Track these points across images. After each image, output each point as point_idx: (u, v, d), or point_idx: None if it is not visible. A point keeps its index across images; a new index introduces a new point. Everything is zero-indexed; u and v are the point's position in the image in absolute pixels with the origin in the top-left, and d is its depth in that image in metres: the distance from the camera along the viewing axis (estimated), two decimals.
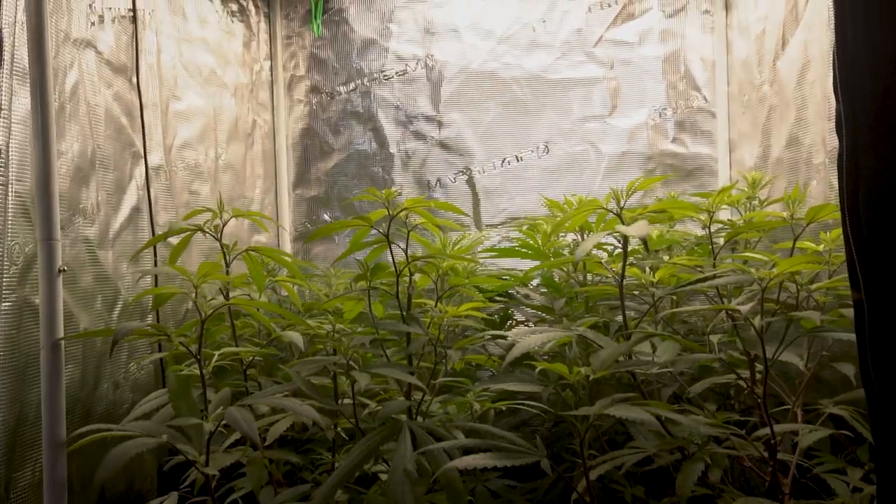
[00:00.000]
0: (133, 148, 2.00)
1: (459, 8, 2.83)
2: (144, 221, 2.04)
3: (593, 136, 2.80)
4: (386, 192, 1.59)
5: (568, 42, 2.80)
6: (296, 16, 2.91)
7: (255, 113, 2.77)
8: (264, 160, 2.83)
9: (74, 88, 1.70)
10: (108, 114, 1.87)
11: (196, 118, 2.37)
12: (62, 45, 1.65)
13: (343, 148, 2.89)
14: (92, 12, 1.81)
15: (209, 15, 2.47)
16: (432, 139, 2.85)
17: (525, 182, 2.82)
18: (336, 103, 2.89)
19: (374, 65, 2.87)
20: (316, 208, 2.92)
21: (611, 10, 2.78)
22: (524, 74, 2.82)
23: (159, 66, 2.17)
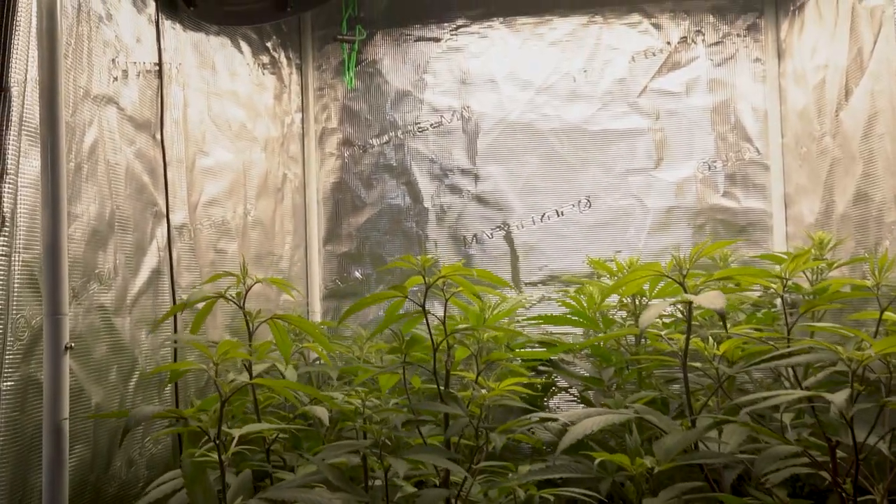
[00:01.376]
0: (155, 207, 1.90)
1: (497, 58, 2.73)
2: (165, 284, 1.93)
3: (638, 190, 2.65)
4: (422, 258, 1.46)
5: (610, 92, 2.68)
6: (328, 67, 2.83)
7: (286, 166, 2.68)
8: (294, 215, 2.72)
9: (93, 147, 1.61)
10: (129, 172, 1.77)
11: (224, 174, 2.27)
12: (81, 102, 1.56)
13: (375, 202, 2.78)
14: (115, 67, 1.72)
15: (239, 68, 2.39)
16: (468, 193, 2.73)
17: (566, 238, 2.68)
18: (369, 156, 2.79)
19: (408, 117, 2.77)
20: (347, 265, 2.80)
21: (655, 59, 2.66)
22: (564, 126, 2.69)
23: (185, 121, 2.08)
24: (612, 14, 2.67)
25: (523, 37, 2.72)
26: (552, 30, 2.71)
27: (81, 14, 1.56)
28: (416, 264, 1.46)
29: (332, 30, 2.79)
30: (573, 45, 2.69)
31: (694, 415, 1.39)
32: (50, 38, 1.27)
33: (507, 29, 2.73)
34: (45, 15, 1.28)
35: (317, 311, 2.78)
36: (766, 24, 2.60)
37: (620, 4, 2.67)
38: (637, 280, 1.39)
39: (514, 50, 2.72)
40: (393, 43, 2.78)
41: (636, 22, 2.66)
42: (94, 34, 1.63)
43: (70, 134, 1.50)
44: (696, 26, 2.64)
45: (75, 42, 1.53)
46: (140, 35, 1.86)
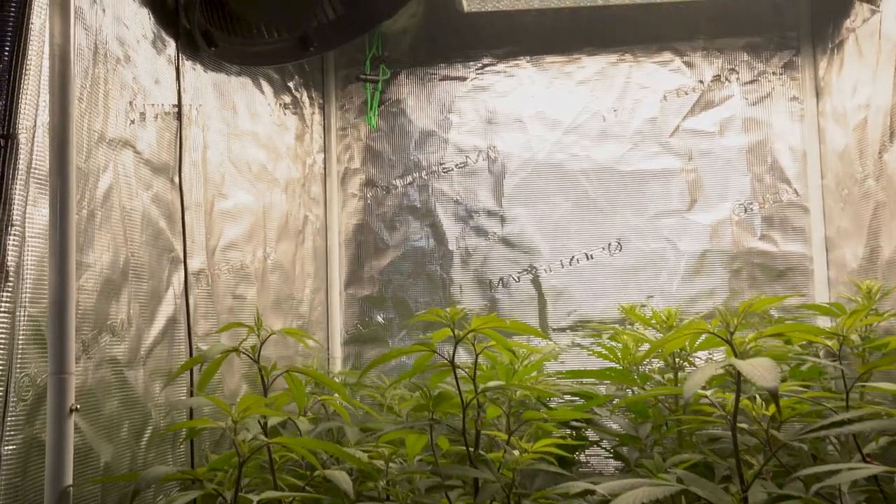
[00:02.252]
0: (172, 253, 1.83)
1: (524, 97, 2.66)
2: (181, 333, 1.85)
3: (671, 233, 2.55)
4: (451, 311, 1.37)
5: (641, 132, 2.60)
6: (351, 107, 2.77)
7: (307, 208, 2.61)
8: (315, 258, 2.65)
9: (107, 193, 1.54)
10: (145, 218, 1.71)
11: (244, 217, 2.21)
12: (95, 146, 1.50)
13: (399, 245, 2.70)
14: (132, 110, 1.67)
15: (261, 108, 2.34)
16: (494, 235, 2.64)
17: (595, 282, 2.58)
18: (392, 197, 2.72)
19: (432, 157, 2.70)
20: (369, 309, 2.71)
21: (688, 98, 2.58)
22: (594, 166, 2.61)
23: (205, 164, 2.02)
24: (643, 52, 2.60)
25: (551, 75, 2.65)
26: (581, 68, 2.64)
27: (98, 56, 1.51)
28: (445, 317, 1.37)
29: (356, 69, 2.75)
30: (602, 84, 2.62)
31: (745, 485, 1.27)
32: (62, 83, 1.21)
33: (535, 68, 2.66)
34: (58, 58, 1.22)
35: (337, 357, 2.69)
36: (803, 61, 2.51)
37: (651, 42, 2.60)
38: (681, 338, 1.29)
39: (541, 89, 2.66)
40: (417, 82, 2.73)
41: (667, 60, 2.59)
42: (111, 76, 1.58)
43: (83, 180, 1.44)
44: (730, 64, 2.56)
45: (91, 85, 1.48)
46: (159, 76, 1.81)
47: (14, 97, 1.11)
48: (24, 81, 1.12)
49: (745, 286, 2.49)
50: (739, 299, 2.48)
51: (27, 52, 1.12)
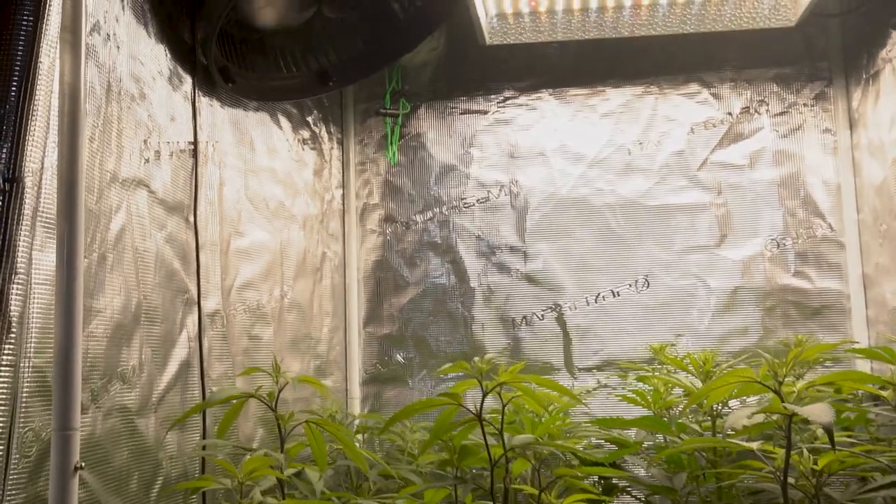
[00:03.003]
0: (186, 294, 1.77)
1: (546, 131, 2.60)
2: (195, 377, 1.79)
3: (700, 270, 2.47)
4: (478, 363, 1.30)
5: (668, 165, 2.52)
6: (370, 141, 2.72)
7: (325, 245, 2.55)
8: (333, 295, 2.58)
9: (119, 234, 1.49)
10: (158, 259, 1.65)
11: (261, 255, 2.15)
12: (108, 187, 1.45)
13: (419, 282, 2.63)
14: (147, 148, 1.62)
15: (279, 144, 2.30)
16: (517, 272, 2.57)
17: (622, 320, 2.49)
18: (412, 233, 2.65)
19: (453, 192, 2.64)
20: (388, 347, 2.64)
21: (716, 131, 2.50)
22: (619, 201, 2.54)
23: (221, 202, 1.97)
24: (669, 84, 2.54)
25: (574, 108, 2.59)
26: (605, 101, 2.58)
27: (111, 94, 1.47)
28: (472, 369, 1.29)
29: (375, 103, 2.70)
30: (627, 117, 2.56)
31: None
32: (71, 123, 1.16)
33: (557, 100, 2.61)
34: (67, 98, 1.18)
35: (356, 398, 2.61)
36: (836, 93, 2.44)
37: (677, 74, 2.54)
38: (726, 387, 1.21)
39: (564, 122, 2.60)
40: (437, 116, 2.68)
41: (694, 92, 2.53)
42: (125, 114, 1.53)
43: (94, 222, 1.38)
44: (759, 96, 2.49)
45: (103, 124, 1.43)
46: (175, 114, 1.76)
47: (20, 139, 1.06)
48: (31, 122, 1.07)
49: (779, 324, 2.40)
50: (773, 338, 2.38)
51: (35, 91, 1.07)
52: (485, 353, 2.53)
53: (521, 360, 2.52)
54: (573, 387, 2.48)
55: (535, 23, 2.27)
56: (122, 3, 1.54)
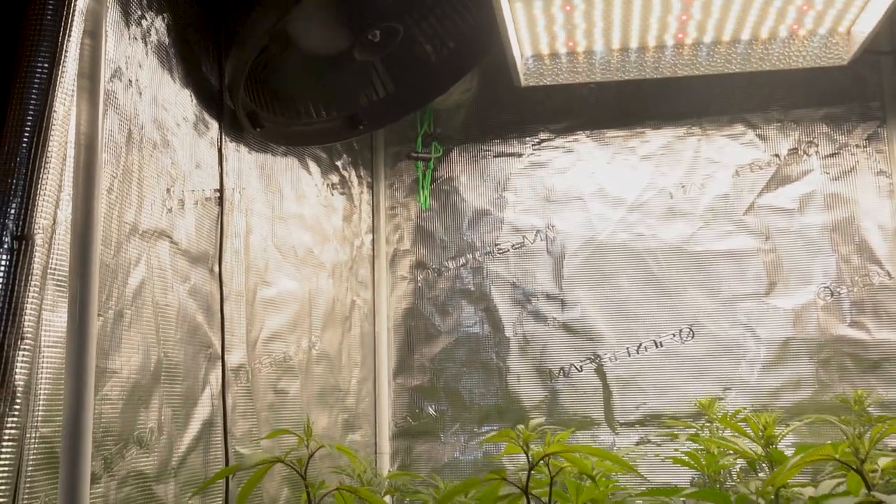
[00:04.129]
0: (209, 349, 1.69)
1: (584, 174, 2.50)
2: (218, 437, 1.70)
3: (748, 319, 2.33)
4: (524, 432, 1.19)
5: (712, 209, 2.41)
6: (401, 185, 2.65)
7: (355, 292, 2.47)
8: (362, 345, 2.49)
9: (139, 289, 1.41)
10: (180, 313, 1.57)
11: (288, 305, 2.07)
12: (126, 239, 1.38)
13: (451, 331, 2.53)
14: (170, 197, 1.55)
15: (307, 189, 2.23)
16: (554, 321, 2.45)
17: (666, 372, 2.36)
18: (444, 280, 2.56)
19: (486, 237, 2.54)
20: (419, 399, 2.52)
21: (762, 173, 2.39)
22: (661, 246, 2.42)
23: (247, 250, 1.90)
24: (712, 125, 2.44)
25: (612, 150, 2.50)
26: (644, 143, 2.48)
27: (132, 142, 1.40)
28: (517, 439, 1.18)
29: (406, 146, 2.63)
30: (669, 159, 2.45)
31: None
32: (87, 175, 1.09)
33: (595, 143, 2.51)
34: (84, 148, 1.11)
35: (385, 452, 2.50)
36: (890, 133, 2.32)
37: (720, 115, 2.43)
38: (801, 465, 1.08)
39: (602, 165, 2.50)
40: (470, 159, 2.60)
41: (739, 133, 2.42)
42: (147, 163, 1.47)
43: (110, 277, 1.31)
44: (808, 137, 2.38)
45: (123, 173, 1.36)
46: (200, 160, 1.70)
47: (31, 194, 0.99)
48: (44, 176, 1.00)
49: (835, 378, 2.25)
50: (829, 392, 2.23)
51: (48, 143, 1.00)
52: (520, 405, 2.42)
53: (558, 413, 2.40)
54: (614, 442, 2.35)
55: (572, 63, 2.19)
56: (146, 47, 1.49)
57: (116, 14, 1.34)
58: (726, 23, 1.99)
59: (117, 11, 1.35)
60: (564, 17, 1.97)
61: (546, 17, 1.97)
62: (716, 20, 1.98)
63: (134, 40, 1.43)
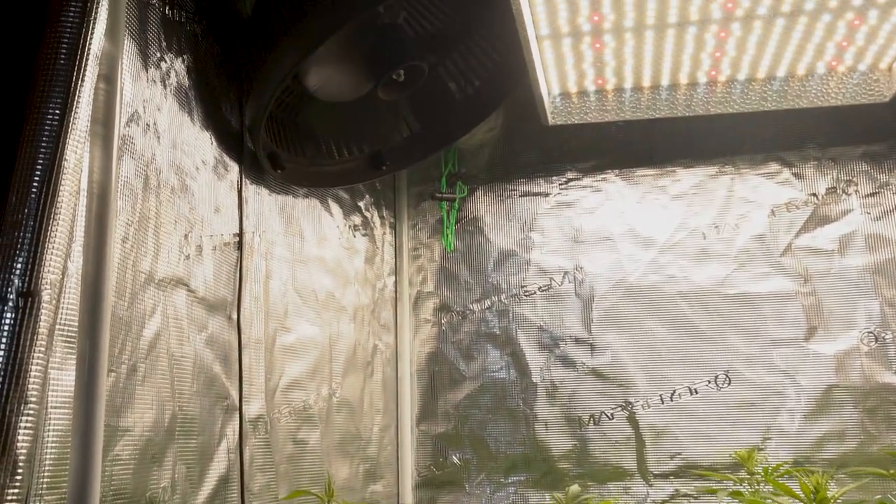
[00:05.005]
0: (226, 401, 1.62)
1: (613, 213, 2.43)
2: (234, 493, 1.62)
3: (788, 365, 2.23)
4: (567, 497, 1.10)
5: (747, 250, 2.32)
6: (424, 225, 2.58)
7: (377, 336, 2.39)
8: (385, 391, 2.41)
9: (153, 342, 1.35)
10: (197, 364, 1.51)
11: (308, 351, 2.00)
12: (142, 289, 1.32)
13: (476, 376, 2.44)
14: (187, 244, 1.49)
15: (329, 231, 2.17)
16: (583, 366, 2.36)
17: (701, 421, 2.25)
18: (468, 323, 2.48)
19: (513, 279, 2.47)
20: (443, 447, 2.43)
21: (799, 213, 2.30)
22: (694, 289, 2.33)
23: (267, 295, 1.83)
24: (745, 163, 2.36)
25: (642, 190, 2.42)
26: (675, 182, 2.40)
27: (149, 188, 1.35)
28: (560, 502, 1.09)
29: (429, 186, 2.57)
30: (701, 199, 2.38)
31: None
32: (99, 226, 1.04)
33: (624, 182, 2.44)
34: (96, 197, 1.05)
35: (408, 503, 2.40)
36: None
37: (754, 153, 2.36)
38: None
39: (632, 204, 2.42)
40: (495, 199, 2.53)
41: (774, 171, 2.34)
42: (165, 209, 1.41)
43: (124, 331, 1.24)
44: (847, 176, 2.29)
45: (139, 221, 1.31)
46: (219, 204, 1.65)
47: (39, 248, 0.93)
48: (53, 228, 0.94)
49: (882, 428, 2.13)
50: (876, 444, 2.12)
51: (57, 193, 0.95)
52: (549, 455, 2.32)
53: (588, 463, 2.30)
54: (647, 495, 2.25)
55: (601, 101, 2.13)
56: (165, 89, 1.44)
57: (134, 56, 1.30)
58: (761, 60, 1.93)
59: (135, 54, 1.30)
60: (594, 55, 1.92)
61: (575, 55, 1.92)
62: (751, 57, 1.91)
63: (152, 83, 1.39)
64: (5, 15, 1.05)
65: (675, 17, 1.75)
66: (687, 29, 1.80)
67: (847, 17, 1.72)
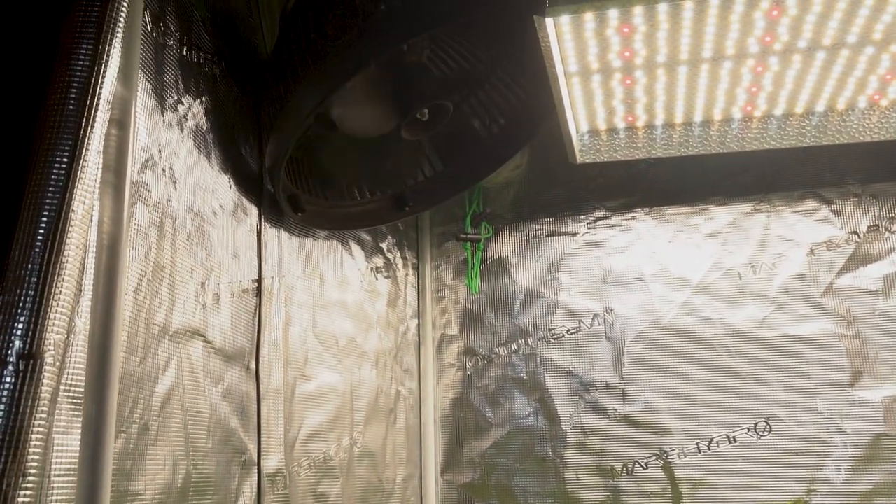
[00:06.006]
0: (244, 456, 1.54)
1: (643, 253, 2.34)
2: None
3: (832, 412, 2.12)
4: None
5: (786, 291, 2.22)
6: (448, 266, 2.51)
7: (399, 382, 2.31)
8: (408, 439, 2.32)
9: (167, 397, 1.28)
10: (213, 419, 1.43)
11: (329, 399, 1.92)
12: (155, 343, 1.25)
13: (503, 423, 2.35)
14: (204, 292, 1.43)
15: (350, 274, 2.10)
16: (615, 413, 2.26)
17: (741, 471, 2.14)
18: (494, 368, 2.39)
19: (540, 322, 2.38)
20: (469, 498, 2.33)
21: (840, 252, 2.21)
22: (730, 331, 2.23)
23: (286, 343, 1.76)
24: (781, 200, 2.27)
25: (674, 228, 2.34)
26: (708, 220, 2.32)
27: (164, 236, 1.29)
28: None
29: (453, 226, 2.51)
30: (735, 237, 2.29)
31: None
32: (108, 280, 0.97)
33: (655, 220, 2.36)
34: (106, 249, 0.99)
35: None
36: None
37: (791, 189, 2.27)
38: None
39: (663, 244, 2.34)
40: (521, 239, 2.46)
41: (812, 209, 2.25)
42: (181, 257, 1.35)
43: (135, 388, 1.17)
44: (890, 213, 2.19)
45: (153, 271, 1.24)
46: (237, 250, 1.58)
47: (43, 307, 0.86)
48: (58, 285, 0.88)
49: None
50: None
51: (63, 246, 0.88)
52: None
53: None
54: None
55: (631, 139, 2.05)
56: (182, 133, 1.39)
57: (149, 99, 1.25)
58: (800, 94, 1.85)
59: (150, 97, 1.25)
60: (624, 91, 1.85)
61: (604, 91, 1.85)
62: (789, 91, 1.84)
63: (169, 126, 1.33)
64: (13, 58, 1.00)
65: (709, 52, 1.68)
66: (722, 63, 1.73)
67: (892, 49, 1.64)
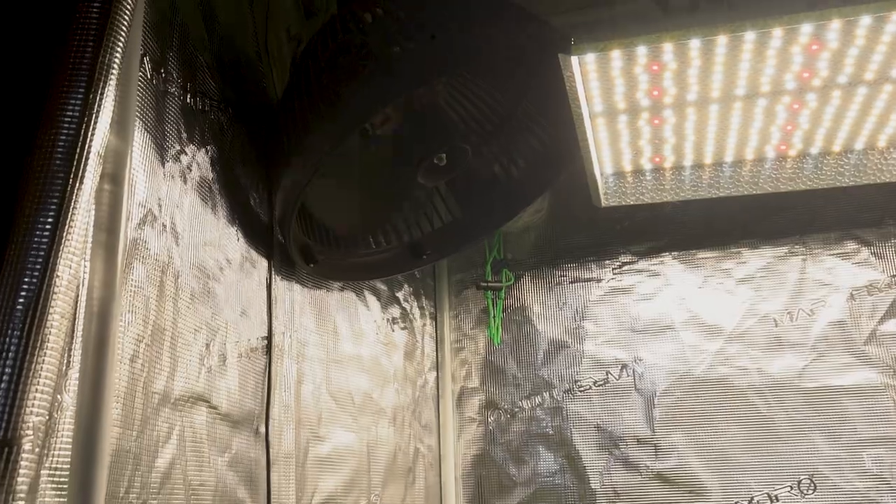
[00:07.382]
0: None
1: (672, 299, 2.23)
2: None
3: (881, 468, 1.98)
4: None
5: (826, 338, 2.10)
6: (467, 315, 2.41)
7: (418, 439, 2.19)
8: (427, 500, 2.19)
9: (168, 472, 1.17)
10: (218, 492, 1.32)
11: (344, 461, 1.80)
12: (154, 414, 1.15)
13: (528, 481, 2.22)
14: (209, 354, 1.33)
15: (366, 326, 2.00)
16: (647, 470, 2.13)
17: None
18: (518, 422, 2.27)
19: (565, 373, 2.27)
20: None
21: (882, 297, 2.09)
22: (768, 382, 2.11)
23: (298, 403, 1.66)
24: (818, 243, 2.16)
25: (704, 273, 2.23)
26: (740, 264, 2.21)
27: (165, 296, 1.20)
28: None
29: (472, 273, 2.41)
30: (770, 282, 2.17)
31: None
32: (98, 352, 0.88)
33: (683, 265, 2.25)
34: (96, 317, 0.90)
35: None
36: None
37: (827, 231, 2.16)
38: None
39: (693, 290, 2.23)
40: (544, 286, 2.35)
41: (851, 251, 2.13)
42: (184, 318, 1.26)
43: (131, 465, 1.07)
44: None
45: (152, 335, 1.15)
46: (246, 306, 1.49)
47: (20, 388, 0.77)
48: (38, 361, 0.78)
49: None
50: None
51: (45, 319, 0.79)
52: None
53: None
54: None
55: (658, 181, 1.96)
56: (185, 184, 1.31)
57: (149, 150, 1.17)
58: (838, 132, 1.75)
59: (150, 148, 1.17)
60: (652, 131, 1.76)
61: (631, 132, 1.76)
62: (826, 129, 1.74)
63: (170, 178, 1.25)
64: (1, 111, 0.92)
65: (743, 89, 1.60)
66: (756, 101, 1.64)
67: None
